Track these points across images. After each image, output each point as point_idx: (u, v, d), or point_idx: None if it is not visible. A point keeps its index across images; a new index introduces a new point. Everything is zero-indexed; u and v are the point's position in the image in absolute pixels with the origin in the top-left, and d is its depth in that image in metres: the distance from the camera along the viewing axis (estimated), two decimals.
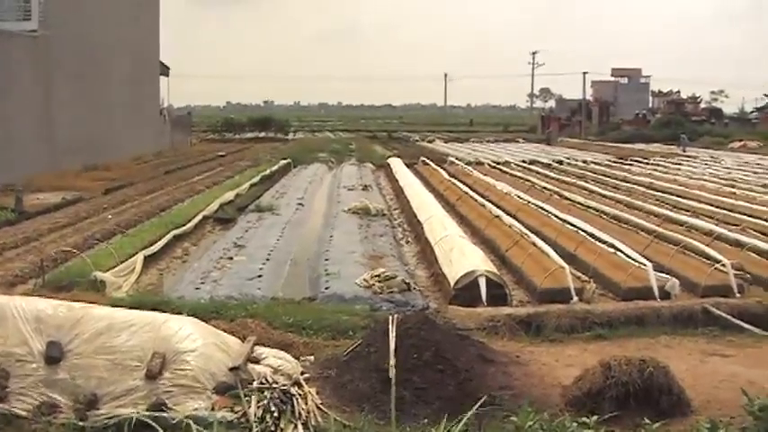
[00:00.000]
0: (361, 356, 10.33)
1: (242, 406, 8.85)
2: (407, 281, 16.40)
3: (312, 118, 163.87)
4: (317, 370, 10.61)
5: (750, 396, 7.20)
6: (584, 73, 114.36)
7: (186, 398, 8.91)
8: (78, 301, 10.87)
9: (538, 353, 12.22)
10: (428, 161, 47.65)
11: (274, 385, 9.33)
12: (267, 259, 19.16)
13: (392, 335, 9.92)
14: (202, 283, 16.61)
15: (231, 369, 9.36)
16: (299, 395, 9.37)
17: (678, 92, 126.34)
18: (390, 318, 10.53)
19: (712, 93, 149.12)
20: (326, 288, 16.23)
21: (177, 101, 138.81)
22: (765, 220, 23.99)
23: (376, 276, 16.44)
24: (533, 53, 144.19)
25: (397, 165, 45.50)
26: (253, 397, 9.01)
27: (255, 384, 9.29)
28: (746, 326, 13.98)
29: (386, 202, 31.81)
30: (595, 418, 8.19)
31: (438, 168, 43.56)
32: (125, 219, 24.28)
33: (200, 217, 24.72)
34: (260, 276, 17.35)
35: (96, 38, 45.22)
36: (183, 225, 23.03)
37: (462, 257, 16.78)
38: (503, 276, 16.62)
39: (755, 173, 44.15)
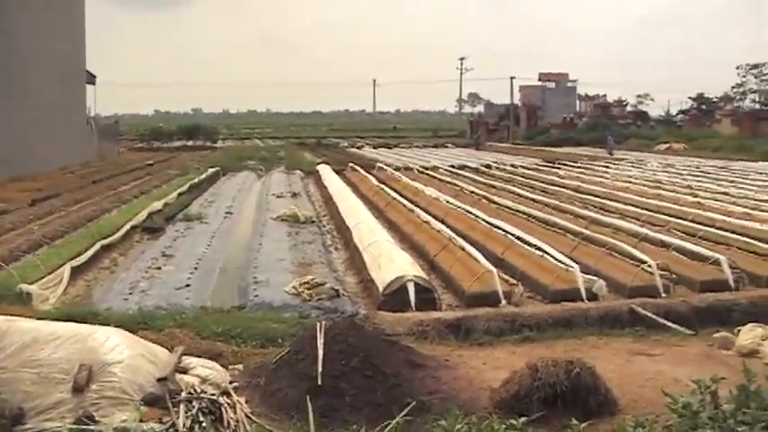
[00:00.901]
0: (290, 364, 10.31)
1: (171, 417, 8.79)
2: (336, 287, 16.42)
3: (241, 125, 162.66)
4: (246, 378, 10.58)
5: (673, 395, 7.30)
6: (512, 78, 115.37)
7: (114, 410, 8.82)
8: (4, 314, 10.70)
9: (467, 356, 12.29)
10: (357, 167, 47.65)
11: (203, 395, 9.29)
12: (196, 268, 19.06)
13: (320, 342, 9.94)
14: (130, 293, 16.49)
15: (159, 380, 9.29)
16: (228, 404, 9.34)
17: (605, 95, 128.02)
18: (318, 325, 10.54)
19: (638, 96, 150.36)
20: (255, 296, 16.19)
21: (104, 110, 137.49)
22: (690, 220, 24.37)
23: (305, 283, 16.43)
24: (461, 59, 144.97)
25: (325, 171, 45.50)
26: (181, 407, 8.95)
27: (184, 395, 9.23)
28: (672, 325, 14.22)
29: (315, 209, 31.73)
30: (523, 419, 8.22)
31: (367, 174, 43.57)
32: (52, 230, 23.89)
33: (128, 227, 24.43)
34: (188, 286, 17.26)
35: (21, 47, 44.60)
36: (111, 235, 22.73)
37: (391, 263, 16.82)
38: (432, 281, 16.71)
39: (680, 174, 44.84)
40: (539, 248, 18.74)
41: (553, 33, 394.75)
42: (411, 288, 15.09)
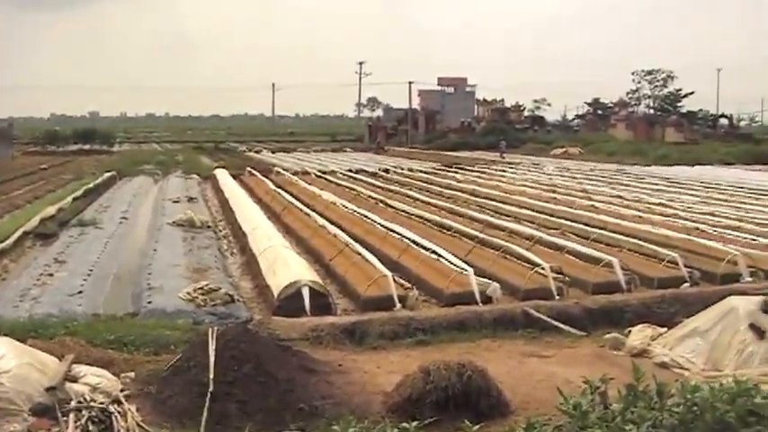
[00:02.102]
0: (182, 371, 10.21)
1: (60, 427, 8.63)
2: (231, 293, 16.28)
3: (139, 129, 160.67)
4: (138, 386, 10.45)
5: (565, 395, 7.35)
6: (410, 82, 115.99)
7: (1, 421, 8.65)
8: None
9: (361, 361, 12.30)
10: (254, 172, 47.49)
11: (92, 404, 9.17)
12: (89, 275, 18.69)
13: (212, 348, 9.85)
14: (21, 300, 16.09)
15: (48, 389, 9.15)
16: (119, 413, 9.23)
17: (502, 100, 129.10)
18: (210, 331, 10.43)
19: (535, 101, 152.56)
20: (149, 303, 15.95)
21: None
22: (584, 223, 24.75)
23: (199, 289, 16.24)
24: (360, 63, 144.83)
25: (223, 176, 45.15)
26: (71, 417, 8.83)
27: (73, 404, 9.11)
28: (564, 327, 14.42)
29: (211, 213, 31.51)
30: (415, 423, 8.21)
31: (264, 179, 43.43)
32: None
33: (20, 233, 23.94)
34: (81, 292, 16.90)
35: None
36: (2, 242, 22.26)
37: (286, 268, 16.78)
38: (327, 286, 16.71)
39: (575, 178, 45.56)
40: (434, 252, 18.83)
41: (453, 39, 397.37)
42: (306, 293, 15.08)
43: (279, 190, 36.65)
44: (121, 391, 10.04)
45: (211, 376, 9.43)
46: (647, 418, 6.62)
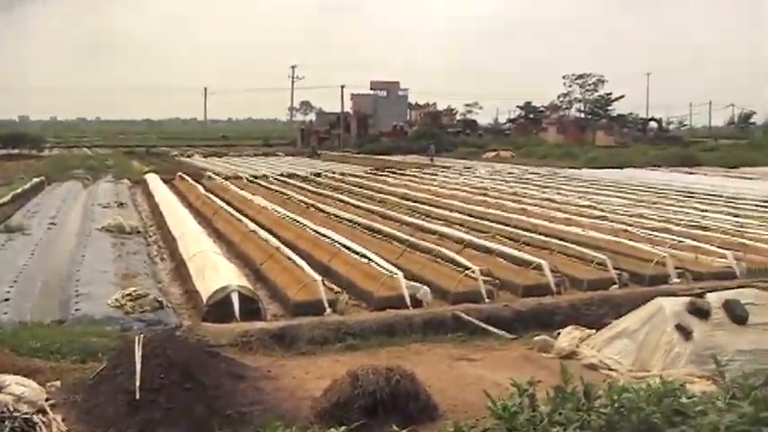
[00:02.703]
0: (108, 379, 10.09)
1: None
2: (160, 299, 16.11)
3: (69, 133, 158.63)
4: (63, 395, 10.30)
5: (493, 398, 7.35)
6: (342, 86, 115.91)
7: None
8: None
9: (290, 366, 12.25)
10: (186, 176, 47.15)
11: (16, 414, 9.02)
12: (15, 281, 18.36)
13: (138, 355, 9.72)
14: None
15: None
16: (44, 423, 9.10)
17: (434, 104, 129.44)
18: (137, 338, 10.30)
19: (467, 105, 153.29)
20: (77, 310, 15.71)
21: None
22: (514, 226, 24.90)
23: (128, 296, 16.04)
24: (293, 67, 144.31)
25: (154, 181, 44.76)
26: None
27: None
28: (493, 329, 14.49)
29: (142, 219, 31.24)
30: (343, 428, 8.18)
31: (195, 183, 43.19)
32: None
33: None
34: (7, 300, 16.60)
35: None
36: None
37: (215, 273, 16.68)
38: (257, 291, 16.69)
39: (507, 182, 45.88)
40: (365, 256, 18.82)
41: (386, 43, 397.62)
42: (235, 298, 15.00)
43: (210, 195, 36.48)
44: (47, 400, 9.90)
45: (138, 384, 9.29)
46: (574, 419, 6.65)
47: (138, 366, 9.53)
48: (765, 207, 32.35)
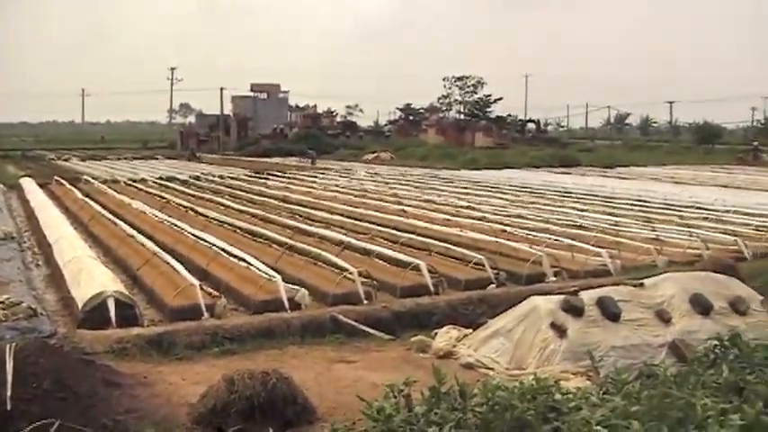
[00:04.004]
0: None
1: None
2: (34, 306, 15.75)
3: None
4: None
5: (370, 399, 7.38)
6: (222, 88, 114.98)
7: None
8: None
9: (166, 372, 12.11)
10: (63, 181, 46.16)
11: None
12: None
13: (9, 365, 9.48)
14: None
15: None
16: None
17: (315, 106, 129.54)
18: (8, 347, 10.05)
19: (348, 107, 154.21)
20: None
21: None
22: (393, 228, 25.03)
23: (0, 303, 15.69)
24: (172, 69, 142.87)
25: (29, 185, 43.76)
26: None
27: None
28: (372, 331, 14.57)
29: (16, 224, 30.46)
30: None
31: (72, 188, 42.29)
32: None
33: None
34: None
35: None
36: None
37: (91, 279, 16.40)
38: (134, 296, 16.46)
39: (386, 183, 46.12)
40: (244, 260, 18.73)
41: (266, 45, 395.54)
42: (111, 304, 14.76)
43: (87, 199, 35.77)
44: None
45: (9, 394, 9.07)
46: (450, 419, 6.73)
47: (9, 377, 9.31)
48: (640, 206, 33.26)
